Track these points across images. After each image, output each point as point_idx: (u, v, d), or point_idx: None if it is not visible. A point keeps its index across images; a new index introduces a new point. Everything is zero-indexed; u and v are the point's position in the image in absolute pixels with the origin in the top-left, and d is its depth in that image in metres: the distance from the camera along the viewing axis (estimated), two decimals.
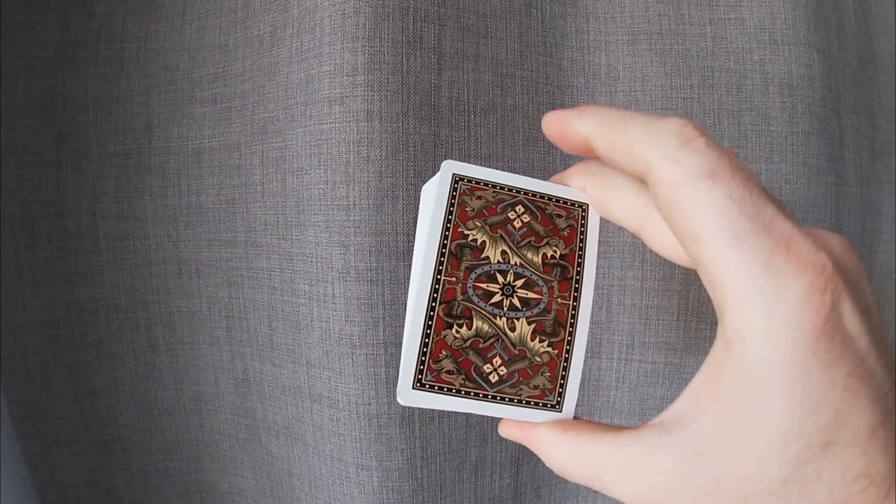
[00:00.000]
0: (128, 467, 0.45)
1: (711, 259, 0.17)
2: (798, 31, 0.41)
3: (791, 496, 0.18)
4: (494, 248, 0.23)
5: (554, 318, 0.23)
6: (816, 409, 0.17)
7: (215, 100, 0.41)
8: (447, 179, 0.24)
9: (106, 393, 0.44)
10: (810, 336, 0.17)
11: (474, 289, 0.23)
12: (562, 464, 0.22)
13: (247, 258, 0.41)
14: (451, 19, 0.37)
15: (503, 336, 0.23)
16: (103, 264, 0.42)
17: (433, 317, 0.22)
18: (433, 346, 0.22)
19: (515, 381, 0.23)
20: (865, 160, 0.49)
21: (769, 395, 0.17)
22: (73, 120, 0.41)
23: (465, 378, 0.23)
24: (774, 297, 0.17)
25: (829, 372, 0.17)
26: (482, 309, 0.23)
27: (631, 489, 0.20)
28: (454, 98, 0.38)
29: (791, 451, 0.17)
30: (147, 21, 0.42)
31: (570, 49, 0.41)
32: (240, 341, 0.43)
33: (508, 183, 0.24)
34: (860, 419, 0.17)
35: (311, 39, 0.36)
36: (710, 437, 0.19)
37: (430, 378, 0.23)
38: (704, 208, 0.17)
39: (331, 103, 0.35)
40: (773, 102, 0.41)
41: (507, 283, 0.23)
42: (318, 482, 0.41)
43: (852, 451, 0.17)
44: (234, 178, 0.41)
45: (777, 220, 0.17)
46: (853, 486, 0.17)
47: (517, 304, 0.23)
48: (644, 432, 0.20)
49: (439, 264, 0.23)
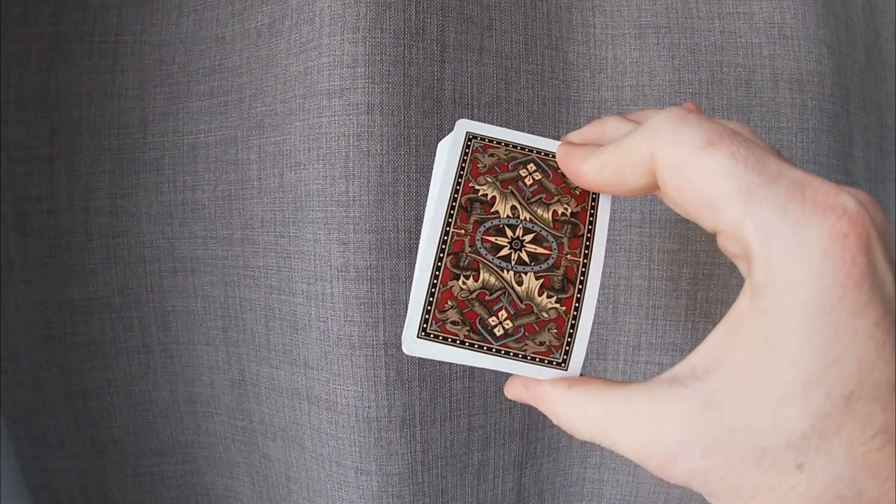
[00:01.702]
0: (122, 470, 0.44)
1: (729, 220, 0.17)
2: (808, 25, 0.41)
3: (809, 450, 0.17)
4: (504, 203, 0.24)
5: (563, 274, 0.23)
6: (840, 358, 0.16)
7: (212, 93, 0.40)
8: (461, 137, 0.25)
9: (99, 394, 0.43)
10: (836, 281, 0.16)
11: (482, 241, 0.23)
12: (569, 421, 0.22)
13: (243, 256, 0.40)
14: (455, 10, 0.36)
15: (510, 290, 0.23)
16: (96, 262, 0.41)
17: (440, 267, 0.23)
18: (439, 296, 0.23)
19: (521, 336, 0.23)
20: (874, 158, 0.48)
21: (792, 340, 0.17)
22: (66, 114, 0.41)
23: (469, 329, 0.23)
24: (796, 244, 0.16)
25: (854, 320, 0.16)
26: (490, 262, 0.23)
27: (639, 444, 0.19)
28: (457, 91, 0.37)
29: (812, 400, 0.17)
30: (143, 13, 0.42)
31: (575, 42, 0.41)
32: (236, 342, 0.42)
33: (521, 142, 0.25)
34: (883, 373, 0.16)
35: (310, 30, 0.36)
36: (726, 389, 0.18)
37: (434, 328, 0.23)
38: (712, 175, 0.17)
39: (330, 96, 0.34)
40: (783, 98, 0.40)
41: (516, 237, 0.23)
42: (316, 486, 0.40)
43: (873, 405, 0.17)
44: (230, 173, 0.40)
45: (785, 170, 0.17)
46: (871, 443, 0.17)
47: (525, 259, 0.23)
48: (654, 386, 0.20)
49: (448, 217, 0.23)
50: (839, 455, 0.17)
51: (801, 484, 0.17)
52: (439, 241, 0.23)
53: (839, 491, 0.17)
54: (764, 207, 0.17)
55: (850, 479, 0.17)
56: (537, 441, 0.42)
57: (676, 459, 0.19)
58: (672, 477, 0.19)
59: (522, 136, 0.25)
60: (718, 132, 0.17)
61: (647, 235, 0.40)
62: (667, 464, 0.19)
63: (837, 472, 0.17)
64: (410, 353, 0.23)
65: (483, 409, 0.40)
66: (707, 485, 0.19)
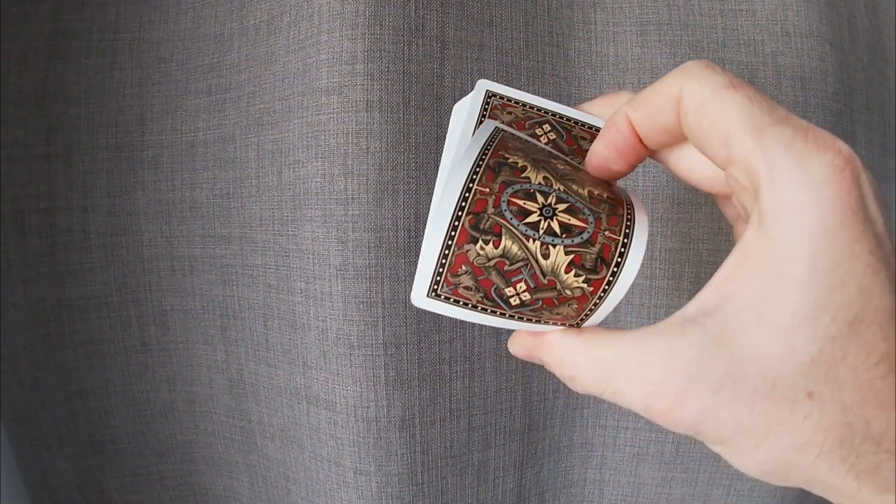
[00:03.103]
0: (120, 470, 0.44)
1: (741, 150, 0.19)
2: (810, 22, 0.40)
3: (818, 378, 0.18)
4: (536, 173, 0.21)
5: (598, 252, 0.21)
6: (842, 282, 0.17)
7: (210, 91, 0.40)
8: (481, 95, 0.24)
9: (97, 393, 0.43)
10: (836, 207, 0.17)
11: (509, 203, 0.20)
12: (573, 367, 0.21)
13: (241, 255, 0.40)
14: (455, 7, 0.36)
15: (533, 262, 0.20)
16: (94, 261, 0.41)
17: (457, 227, 0.20)
18: (453, 259, 0.21)
19: (538, 308, 0.21)
20: (877, 156, 0.48)
21: (798, 265, 0.18)
22: (64, 112, 0.40)
23: (483, 296, 0.21)
24: (800, 172, 0.18)
25: (853, 245, 0.17)
26: (514, 227, 0.20)
27: (648, 384, 0.19)
28: (457, 88, 0.36)
29: (820, 323, 0.18)
30: (141, 11, 0.41)
31: (577, 39, 0.40)
32: (234, 341, 0.42)
33: (537, 104, 0.24)
34: (881, 300, 0.18)
35: (308, 27, 0.35)
36: (737, 320, 0.19)
37: (445, 290, 0.21)
38: (730, 110, 0.19)
39: (329, 93, 0.34)
40: (786, 96, 0.40)
41: (548, 203, 0.21)
42: (315, 487, 0.39)
43: (874, 332, 0.18)
44: (228, 171, 0.40)
45: (791, 116, 0.19)
46: (875, 370, 0.18)
47: (556, 229, 0.20)
48: (664, 326, 0.20)
49: (473, 173, 0.20)
50: (846, 382, 0.18)
51: (813, 413, 0.18)
52: (459, 197, 0.20)
53: (849, 419, 0.18)
54: (772, 141, 0.18)
55: (858, 408, 0.18)
56: (538, 441, 0.42)
57: (687, 397, 0.19)
58: (682, 419, 0.19)
59: (539, 98, 0.24)
60: (738, 79, 0.19)
61: (648, 234, 0.40)
62: (676, 403, 0.19)
63: (846, 400, 0.18)
64: (419, 306, 0.22)
65: (483, 410, 0.39)
66: (719, 425, 0.19)
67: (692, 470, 0.43)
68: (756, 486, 0.42)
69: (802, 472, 0.19)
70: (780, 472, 0.19)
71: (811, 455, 0.18)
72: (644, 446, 0.43)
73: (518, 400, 0.41)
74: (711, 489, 0.43)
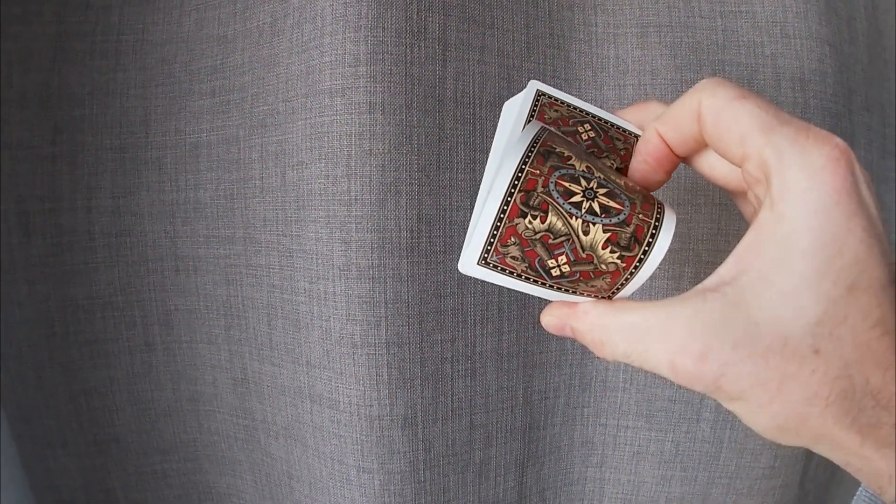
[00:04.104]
0: (124, 468, 0.44)
1: (754, 147, 0.22)
2: (810, 24, 0.41)
3: (823, 336, 0.20)
4: (580, 162, 0.24)
5: (633, 232, 0.23)
6: (840, 252, 0.20)
7: (213, 92, 0.41)
8: (532, 92, 0.27)
9: (101, 392, 0.43)
10: (833, 188, 0.20)
11: (556, 185, 0.23)
12: (605, 331, 0.24)
13: (245, 255, 0.40)
14: (456, 9, 0.36)
15: (574, 237, 0.23)
16: (99, 261, 0.41)
17: (510, 202, 0.23)
18: (504, 230, 0.23)
19: (575, 280, 0.24)
20: (876, 157, 0.48)
21: (803, 236, 0.21)
22: (68, 113, 0.41)
23: (528, 266, 0.24)
24: (803, 161, 0.21)
25: (849, 221, 0.20)
26: (560, 205, 0.23)
27: (674, 344, 0.22)
28: (459, 90, 0.37)
29: (823, 287, 0.20)
30: (144, 12, 0.42)
31: (577, 41, 0.41)
32: (238, 340, 0.42)
33: (581, 106, 0.27)
34: (875, 271, 0.20)
35: (311, 29, 0.36)
36: (752, 287, 0.21)
37: (495, 259, 0.24)
38: (743, 116, 0.22)
39: (332, 95, 0.35)
40: (786, 97, 0.40)
41: (590, 187, 0.23)
42: (319, 484, 0.40)
43: (870, 298, 0.20)
44: (232, 172, 0.40)
45: (794, 118, 0.22)
46: (872, 332, 0.20)
47: (596, 209, 0.23)
48: (688, 296, 0.22)
49: (526, 157, 0.23)
50: (847, 341, 0.20)
51: (819, 367, 0.20)
52: (513, 177, 0.23)
53: (850, 372, 0.20)
54: (779, 137, 0.21)
55: (858, 364, 0.20)
56: (539, 440, 0.43)
57: (709, 354, 0.21)
58: (704, 373, 0.21)
59: (581, 101, 0.28)
60: (748, 91, 0.23)
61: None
62: (700, 360, 0.21)
63: (847, 357, 0.20)
64: (466, 273, 0.24)
65: (485, 408, 0.40)
66: (738, 379, 0.21)
67: (691, 469, 0.43)
68: (755, 485, 0.43)
69: (811, 425, 0.21)
70: (792, 427, 0.21)
71: (819, 406, 0.21)
72: (644, 445, 0.43)
73: (519, 399, 0.41)
74: (710, 488, 0.43)
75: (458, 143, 0.37)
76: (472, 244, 0.24)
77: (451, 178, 0.37)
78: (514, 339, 0.40)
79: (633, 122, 0.28)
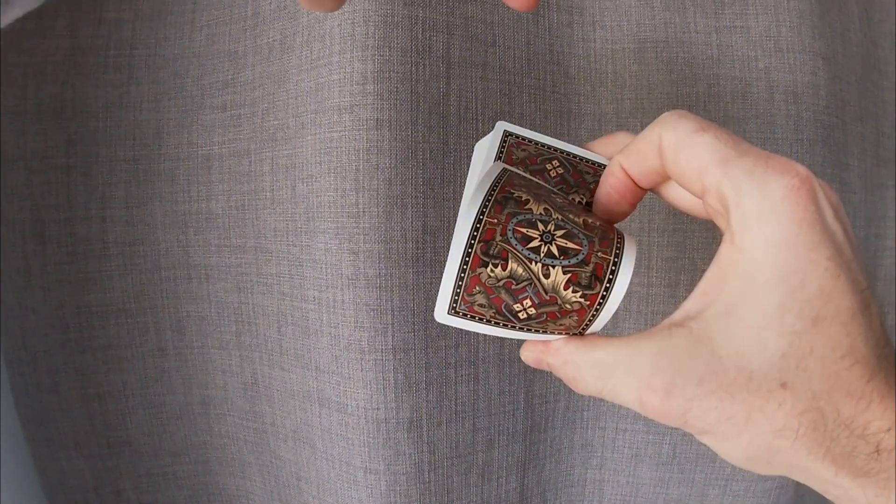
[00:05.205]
0: (136, 470, 0.45)
1: (712, 180, 0.22)
2: (803, 38, 0.41)
3: (790, 369, 0.20)
4: (538, 205, 0.24)
5: (592, 270, 0.23)
6: (803, 284, 0.20)
7: (225, 107, 0.42)
8: (499, 134, 0.28)
9: (115, 396, 0.44)
10: (793, 219, 0.20)
11: (514, 231, 0.23)
12: (575, 368, 0.24)
13: (256, 264, 0.41)
14: (460, 28, 0.38)
15: (536, 281, 0.23)
16: (113, 269, 0.43)
17: (471, 253, 0.23)
18: (468, 280, 0.24)
19: (543, 321, 0.24)
20: (870, 166, 0.49)
21: (764, 270, 0.20)
22: (82, 125, 0.42)
23: (495, 312, 0.24)
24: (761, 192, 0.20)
25: (811, 253, 0.20)
26: (519, 252, 0.23)
27: (640, 380, 0.22)
28: (462, 106, 0.38)
29: (786, 321, 0.20)
30: (157, 27, 0.43)
31: (576, 57, 0.42)
32: (249, 346, 0.43)
33: (548, 143, 0.28)
34: (842, 301, 0.20)
35: (320, 48, 0.37)
36: (716, 322, 0.21)
37: (463, 308, 0.25)
38: (700, 149, 0.22)
39: (340, 112, 0.36)
40: (779, 110, 0.41)
41: (548, 231, 0.24)
42: (327, 486, 0.41)
43: (838, 329, 0.20)
44: (243, 184, 0.41)
45: (753, 148, 0.22)
46: (841, 363, 0.20)
47: (555, 252, 0.23)
48: (654, 331, 0.23)
49: (483, 207, 0.24)
50: (815, 373, 0.20)
51: (787, 400, 0.20)
52: (472, 228, 0.23)
53: (820, 404, 0.20)
54: (737, 170, 0.21)
55: (827, 395, 0.20)
56: (540, 442, 0.44)
57: (674, 390, 0.21)
58: (671, 408, 0.21)
59: (549, 138, 0.28)
60: (707, 123, 0.23)
61: (645, 244, 0.42)
62: (665, 395, 0.21)
63: (816, 389, 0.20)
64: (440, 321, 0.25)
65: (487, 412, 0.41)
66: (704, 414, 0.21)
67: (689, 470, 0.44)
68: (751, 487, 0.44)
69: (783, 457, 0.21)
70: (764, 458, 0.21)
71: (789, 439, 0.20)
72: (642, 447, 0.44)
73: (521, 402, 0.42)
74: (707, 489, 0.44)
75: (462, 157, 0.38)
76: (441, 295, 0.24)
77: (454, 190, 0.38)
78: (515, 345, 0.41)
79: (603, 155, 0.28)
